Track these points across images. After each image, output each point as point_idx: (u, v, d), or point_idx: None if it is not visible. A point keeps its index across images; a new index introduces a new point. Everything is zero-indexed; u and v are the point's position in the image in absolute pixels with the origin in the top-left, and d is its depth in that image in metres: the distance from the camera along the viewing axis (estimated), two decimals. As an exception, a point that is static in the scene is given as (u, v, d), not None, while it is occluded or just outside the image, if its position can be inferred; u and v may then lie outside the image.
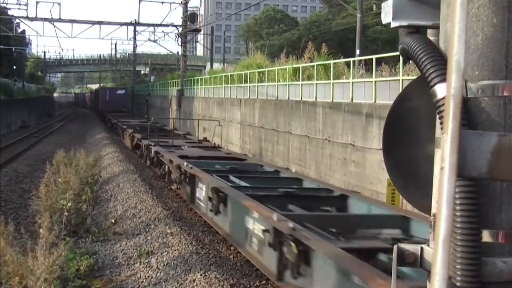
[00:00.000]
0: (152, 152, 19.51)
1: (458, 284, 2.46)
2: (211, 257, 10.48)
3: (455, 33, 2.09)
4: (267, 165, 16.58)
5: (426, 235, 7.33)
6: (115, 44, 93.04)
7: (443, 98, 2.54)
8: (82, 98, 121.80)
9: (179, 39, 45.98)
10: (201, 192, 13.00)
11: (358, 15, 34.85)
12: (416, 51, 2.82)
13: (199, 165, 14.52)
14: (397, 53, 3.32)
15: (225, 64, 64.02)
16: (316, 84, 19.42)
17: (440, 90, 2.58)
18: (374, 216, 9.52)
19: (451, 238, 2.21)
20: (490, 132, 2.38)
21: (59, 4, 47.44)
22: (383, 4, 3.20)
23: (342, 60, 22.21)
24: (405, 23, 3.10)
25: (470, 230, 2.48)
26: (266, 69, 26.49)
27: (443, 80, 2.57)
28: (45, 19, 47.72)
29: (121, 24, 52.86)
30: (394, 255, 2.74)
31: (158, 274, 9.67)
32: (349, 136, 16.04)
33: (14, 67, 68.66)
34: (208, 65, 66.99)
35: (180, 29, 46.38)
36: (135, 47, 63.87)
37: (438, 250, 2.04)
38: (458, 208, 2.42)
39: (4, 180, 19.67)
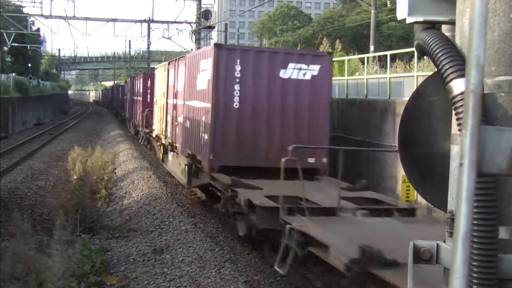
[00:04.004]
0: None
1: (474, 281, 2.44)
2: (225, 254, 10.50)
3: (475, 29, 2.07)
4: None
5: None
6: (129, 41, 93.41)
7: (460, 94, 2.51)
8: (122, 97, 53.98)
9: (193, 36, 45.95)
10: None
11: (372, 11, 34.74)
12: (432, 47, 2.79)
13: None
14: (412, 49, 3.30)
15: (239, 61, 63.76)
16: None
17: (456, 86, 2.56)
18: None
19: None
20: (510, 128, 2.34)
21: (73, 1, 47.30)
22: (398, 0, 3.18)
23: (356, 56, 22.09)
24: (420, 18, 3.07)
25: (486, 226, 2.46)
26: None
27: (460, 75, 2.55)
28: (60, 17, 47.79)
29: (135, 21, 52.85)
30: (410, 252, 2.72)
31: (173, 270, 9.69)
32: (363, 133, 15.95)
33: (29, 64, 69.05)
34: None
35: (194, 26, 46.33)
36: (149, 44, 63.85)
37: (457, 247, 2.02)
38: (474, 204, 2.39)
39: (20, 177, 19.79)
